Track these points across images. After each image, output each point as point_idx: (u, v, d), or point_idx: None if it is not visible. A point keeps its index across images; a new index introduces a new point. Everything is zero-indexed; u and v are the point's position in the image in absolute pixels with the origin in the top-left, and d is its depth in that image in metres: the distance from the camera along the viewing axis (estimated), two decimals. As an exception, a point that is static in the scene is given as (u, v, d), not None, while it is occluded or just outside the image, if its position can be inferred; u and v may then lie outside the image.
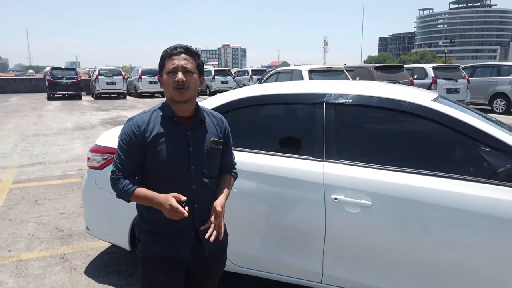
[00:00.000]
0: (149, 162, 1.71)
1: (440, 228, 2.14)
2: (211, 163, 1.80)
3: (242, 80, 23.04)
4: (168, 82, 1.67)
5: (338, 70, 10.71)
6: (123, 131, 1.73)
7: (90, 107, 17.04)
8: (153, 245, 1.75)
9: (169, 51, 1.70)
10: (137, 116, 1.74)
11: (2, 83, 26.40)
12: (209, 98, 2.99)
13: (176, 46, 1.72)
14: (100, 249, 3.64)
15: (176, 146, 1.70)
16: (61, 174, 6.21)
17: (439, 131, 2.31)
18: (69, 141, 9.03)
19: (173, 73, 1.66)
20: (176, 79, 1.65)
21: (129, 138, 1.69)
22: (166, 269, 1.75)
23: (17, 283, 3.04)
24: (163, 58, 1.71)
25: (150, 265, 1.76)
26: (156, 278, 1.76)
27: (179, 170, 1.70)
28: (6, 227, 4.12)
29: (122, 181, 1.69)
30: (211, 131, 1.80)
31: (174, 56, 1.68)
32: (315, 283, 2.48)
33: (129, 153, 1.69)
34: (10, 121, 12.33)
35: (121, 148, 1.71)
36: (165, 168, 1.69)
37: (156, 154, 1.68)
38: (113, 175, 1.72)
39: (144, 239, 1.78)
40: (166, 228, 1.73)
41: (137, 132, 1.68)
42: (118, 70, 22.73)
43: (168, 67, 1.67)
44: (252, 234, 2.59)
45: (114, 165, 1.72)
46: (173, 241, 1.74)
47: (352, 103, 2.47)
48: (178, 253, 1.74)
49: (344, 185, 2.31)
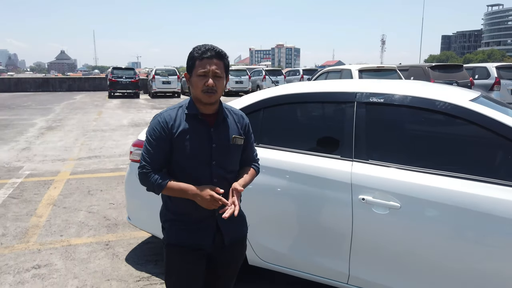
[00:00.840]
0: (174, 156, 1.78)
1: (474, 235, 2.03)
2: (232, 158, 1.87)
3: (293, 79, 22.98)
4: (197, 84, 1.73)
5: (390, 69, 10.34)
6: (152, 126, 1.80)
7: (146, 105, 17.88)
8: (176, 233, 1.84)
9: (200, 54, 1.73)
10: (164, 112, 1.82)
11: (70, 82, 28.52)
12: (242, 96, 3.05)
13: (207, 48, 1.74)
14: (141, 238, 3.84)
15: (200, 142, 1.78)
16: (113, 167, 6.61)
17: (476, 132, 2.18)
18: (124, 136, 9.56)
19: (203, 77, 1.72)
20: (207, 84, 1.72)
21: (158, 133, 1.76)
22: (188, 256, 1.83)
23: (65, 265, 3.31)
24: (194, 59, 1.74)
25: (173, 252, 1.85)
26: (178, 264, 1.85)
27: (201, 164, 1.78)
28: (61, 214, 4.48)
29: (153, 175, 1.76)
30: (233, 128, 1.86)
31: (206, 60, 1.72)
32: (342, 283, 2.45)
33: (158, 147, 1.76)
34: (74, 117, 13.30)
35: (150, 143, 1.78)
36: (189, 162, 1.78)
37: (182, 149, 1.76)
38: (143, 170, 1.78)
39: (168, 227, 1.87)
40: (188, 217, 1.82)
41: (165, 127, 1.75)
42: (173, 70, 23.60)
43: (199, 70, 1.72)
44: (280, 230, 2.62)
45: (143, 159, 1.79)
46: (195, 230, 1.83)
47: (384, 102, 2.41)
48: (200, 242, 1.83)
49: (372, 186, 2.26)
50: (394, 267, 2.25)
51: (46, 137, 9.46)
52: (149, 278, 3.12)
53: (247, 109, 2.79)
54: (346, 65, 16.98)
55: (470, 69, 12.64)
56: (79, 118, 13.06)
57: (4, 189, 5.33)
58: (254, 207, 2.65)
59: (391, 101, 2.40)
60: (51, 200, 4.94)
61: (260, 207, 2.64)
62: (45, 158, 7.25)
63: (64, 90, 27.25)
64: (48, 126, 11.24)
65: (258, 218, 2.67)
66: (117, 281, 3.07)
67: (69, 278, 3.11)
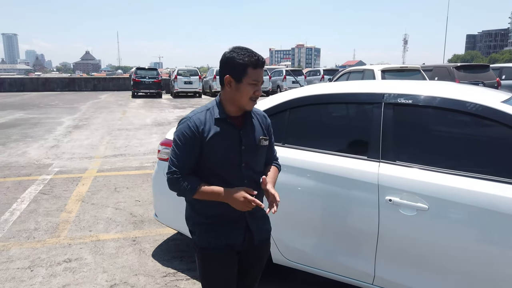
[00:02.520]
0: (204, 160, 1.77)
1: (503, 238, 2.00)
2: (260, 159, 1.89)
3: (313, 80, 22.86)
4: (247, 92, 1.73)
5: (414, 69, 10.18)
6: (181, 130, 1.76)
7: (168, 105, 18.14)
8: (209, 237, 1.84)
9: (255, 62, 1.71)
10: (193, 116, 1.79)
11: (95, 82, 29.26)
12: (269, 96, 3.08)
13: (258, 57, 1.73)
14: (167, 235, 3.93)
15: (231, 145, 1.78)
16: (138, 165, 6.76)
17: (508, 134, 2.15)
18: (148, 135, 9.75)
19: (254, 86, 1.73)
20: (257, 93, 1.75)
21: (188, 137, 1.74)
22: (223, 258, 1.84)
23: (94, 260, 3.42)
24: (245, 66, 1.71)
25: (208, 256, 1.85)
26: (214, 267, 1.86)
27: (232, 167, 1.79)
28: (89, 210, 4.62)
29: (183, 180, 1.74)
30: (258, 129, 1.88)
31: (259, 69, 1.73)
32: (367, 284, 2.45)
33: (188, 151, 1.75)
34: (99, 116, 13.63)
35: (179, 147, 1.75)
36: (221, 165, 1.77)
37: (213, 153, 1.75)
38: (173, 175, 1.75)
39: (200, 231, 1.86)
40: (220, 219, 1.83)
41: (196, 131, 1.73)
42: (195, 70, 23.86)
43: (251, 78, 1.71)
44: (305, 230, 2.64)
45: (172, 164, 1.76)
46: (226, 232, 1.84)
47: (413, 103, 2.39)
48: (232, 242, 1.84)
49: (400, 187, 2.26)
50: (420, 269, 2.24)
51: (73, 135, 9.74)
52: (175, 274, 3.19)
53: (273, 110, 2.83)
54: (367, 65, 16.77)
55: (496, 69, 12.33)
56: (104, 117, 13.37)
57: (35, 185, 5.53)
58: (280, 206, 2.67)
59: (419, 102, 2.38)
60: (79, 196, 5.09)
61: (286, 207, 2.66)
62: (73, 155, 7.47)
63: (89, 90, 27.96)
64: (75, 124, 11.57)
65: (283, 217, 2.70)
66: (145, 276, 3.15)
67: (99, 272, 3.22)
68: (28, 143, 8.69)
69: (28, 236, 3.89)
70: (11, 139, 9.11)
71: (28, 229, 4.06)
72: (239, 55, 1.72)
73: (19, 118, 12.84)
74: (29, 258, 3.45)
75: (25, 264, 3.33)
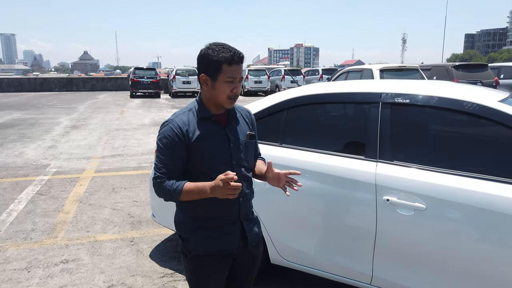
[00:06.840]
0: (193, 162, 1.70)
1: (500, 237, 2.00)
2: (249, 155, 1.83)
3: (312, 79, 22.87)
4: (224, 90, 1.65)
5: (412, 69, 10.18)
6: (164, 134, 1.68)
7: (166, 105, 18.12)
8: (204, 242, 1.75)
9: (229, 58, 1.62)
10: (175, 118, 1.70)
11: (93, 82, 29.18)
12: (268, 96, 3.08)
13: (234, 52, 1.64)
14: (164, 235, 3.92)
15: (219, 144, 1.72)
16: (136, 165, 6.75)
17: (505, 134, 2.14)
18: (145, 135, 9.73)
19: (231, 83, 1.65)
20: (235, 91, 1.65)
21: (172, 140, 1.65)
22: (217, 264, 1.77)
23: (91, 260, 3.41)
24: (219, 63, 1.62)
25: (202, 263, 1.76)
26: (207, 274, 1.78)
27: (223, 165, 1.70)
28: (87, 210, 4.60)
29: (167, 182, 1.65)
30: (243, 124, 1.83)
31: (235, 66, 1.64)
32: (365, 284, 2.45)
33: (173, 155, 1.66)
34: (97, 116, 13.60)
35: (163, 151, 1.67)
36: (211, 166, 1.69)
37: (201, 154, 1.68)
38: (157, 180, 1.66)
39: (194, 238, 1.76)
40: (214, 223, 1.74)
41: (180, 133, 1.65)
42: (193, 70, 23.80)
43: (226, 75, 1.63)
44: (303, 230, 2.63)
45: (157, 170, 1.66)
46: (222, 236, 1.77)
47: (410, 103, 2.39)
48: (227, 247, 1.77)
49: (397, 187, 2.25)
50: (418, 269, 2.23)
51: (71, 135, 9.72)
52: (173, 275, 3.18)
53: (270, 110, 2.82)
54: (366, 64, 16.79)
55: (495, 68, 12.35)
56: (102, 117, 13.34)
57: (32, 186, 5.52)
58: (277, 207, 2.68)
59: (417, 101, 2.38)
60: (77, 197, 5.08)
61: (283, 207, 2.66)
62: (71, 156, 7.45)
63: (87, 90, 27.89)
64: (73, 125, 11.54)
65: (280, 218, 2.69)
66: (142, 277, 3.14)
67: (96, 273, 3.20)
68: (25, 143, 8.67)
69: (25, 237, 3.87)
70: (8, 140, 9.09)
71: (25, 230, 4.05)
72: (214, 51, 1.63)
73: (16, 119, 12.81)
74: (26, 259, 3.43)
75: (22, 265, 3.32)
